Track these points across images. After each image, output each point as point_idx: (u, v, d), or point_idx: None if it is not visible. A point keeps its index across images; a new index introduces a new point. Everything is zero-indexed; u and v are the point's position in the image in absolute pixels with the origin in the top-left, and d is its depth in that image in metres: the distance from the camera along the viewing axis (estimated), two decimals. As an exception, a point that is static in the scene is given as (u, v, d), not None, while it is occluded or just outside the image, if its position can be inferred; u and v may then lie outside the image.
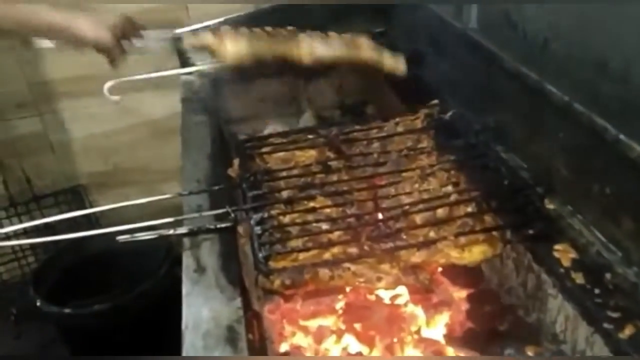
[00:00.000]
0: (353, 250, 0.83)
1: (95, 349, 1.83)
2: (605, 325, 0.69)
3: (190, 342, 0.73)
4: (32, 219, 2.20)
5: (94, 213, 2.25)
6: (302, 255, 0.83)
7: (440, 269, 0.93)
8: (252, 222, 0.89)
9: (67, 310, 1.71)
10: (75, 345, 1.93)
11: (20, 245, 2.20)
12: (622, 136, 0.73)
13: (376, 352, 0.91)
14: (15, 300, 2.23)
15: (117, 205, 1.01)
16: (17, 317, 2.22)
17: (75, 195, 2.24)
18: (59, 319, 1.80)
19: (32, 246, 2.24)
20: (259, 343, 0.82)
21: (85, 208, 2.21)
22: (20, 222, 2.19)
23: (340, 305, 1.01)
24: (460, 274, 1.00)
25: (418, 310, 0.98)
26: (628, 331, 0.67)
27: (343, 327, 0.97)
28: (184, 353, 0.72)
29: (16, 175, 2.18)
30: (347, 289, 1.01)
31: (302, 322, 1.00)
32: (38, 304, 1.75)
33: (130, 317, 1.75)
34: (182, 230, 0.94)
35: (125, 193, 2.33)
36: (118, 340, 1.80)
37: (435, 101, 1.17)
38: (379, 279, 0.79)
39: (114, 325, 1.75)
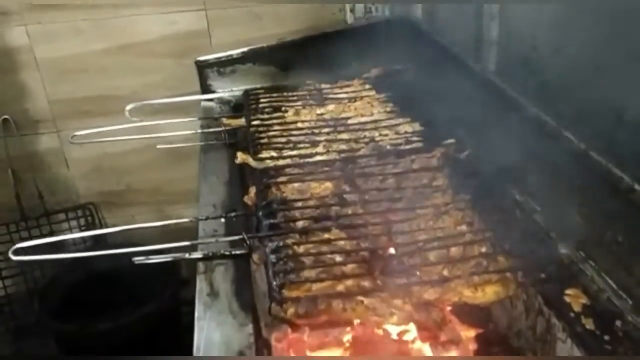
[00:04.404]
0: (366, 283, 0.84)
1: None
2: (616, 372, 0.69)
3: (202, 365, 0.74)
4: (42, 233, 2.22)
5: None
6: (315, 286, 0.84)
7: (450, 308, 0.94)
8: (267, 250, 0.90)
9: (72, 327, 1.71)
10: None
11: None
12: (637, 186, 0.74)
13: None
14: (18, 315, 2.24)
15: (136, 226, 1.03)
16: (17, 332, 2.22)
17: (86, 212, 2.26)
18: (62, 336, 1.80)
19: (40, 262, 2.25)
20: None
21: (95, 226, 2.23)
22: (30, 236, 2.21)
23: (347, 338, 1.01)
24: (469, 314, 1.01)
25: (425, 348, 0.98)
26: (638, 380, 0.67)
27: (350, 360, 0.97)
28: (195, 377, 0.73)
29: (29, 190, 2.20)
30: (355, 322, 1.02)
31: (308, 353, 1.00)
32: (42, 320, 1.75)
33: (133, 339, 1.75)
34: (196, 254, 0.95)
35: (134, 213, 2.36)
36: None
37: (452, 140, 1.18)
38: (392, 314, 0.79)
39: (116, 346, 1.75)
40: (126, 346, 1.74)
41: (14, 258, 0.92)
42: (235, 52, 1.58)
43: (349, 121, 1.32)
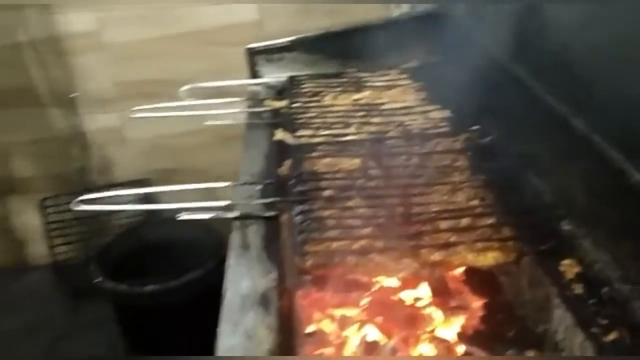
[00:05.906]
0: (379, 244, 0.94)
1: (145, 329, 1.99)
2: (594, 330, 0.77)
3: (229, 301, 0.85)
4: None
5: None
6: (334, 244, 0.94)
7: (457, 272, 1.02)
8: (294, 212, 1.01)
9: (123, 287, 1.87)
10: (127, 323, 2.09)
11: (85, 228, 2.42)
12: (625, 164, 0.81)
13: (392, 342, 1.01)
14: (76, 279, 2.44)
15: (179, 187, 1.16)
16: (75, 294, 2.41)
17: (141, 187, 2.44)
18: (114, 296, 1.97)
19: (96, 229, 2.45)
20: (287, 310, 0.92)
21: (148, 198, 2.41)
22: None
23: (365, 301, 1.11)
24: (480, 284, 1.09)
25: (436, 313, 1.07)
26: (612, 336, 0.75)
27: (365, 319, 1.08)
28: (223, 310, 0.84)
29: (91, 164, 2.39)
30: (373, 289, 1.12)
31: (329, 311, 1.10)
32: (100, 280, 1.92)
33: (178, 302, 1.90)
34: (232, 214, 1.07)
35: (183, 191, 2.52)
36: (166, 323, 1.95)
37: (477, 127, 1.26)
38: (399, 270, 0.89)
39: (164, 308, 1.90)
40: (171, 308, 1.89)
41: (79, 208, 1.06)
42: (283, 40, 1.69)
43: (382, 107, 1.42)
